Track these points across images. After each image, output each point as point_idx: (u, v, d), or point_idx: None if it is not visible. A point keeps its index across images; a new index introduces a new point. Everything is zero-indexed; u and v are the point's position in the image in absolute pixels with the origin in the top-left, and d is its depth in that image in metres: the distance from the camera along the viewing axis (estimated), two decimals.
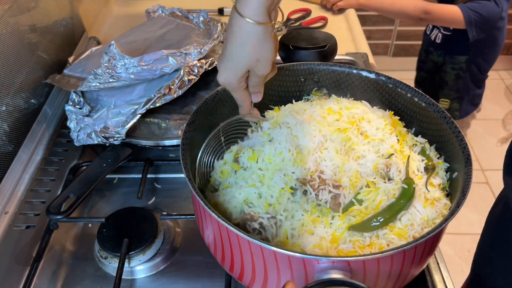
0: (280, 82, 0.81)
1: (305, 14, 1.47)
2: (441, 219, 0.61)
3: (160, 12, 1.21)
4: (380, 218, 0.60)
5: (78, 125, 0.90)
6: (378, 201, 0.63)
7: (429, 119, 0.72)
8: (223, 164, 0.71)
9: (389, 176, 0.66)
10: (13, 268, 0.74)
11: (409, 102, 0.75)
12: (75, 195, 0.77)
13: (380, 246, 0.59)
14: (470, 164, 0.61)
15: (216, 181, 0.71)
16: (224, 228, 0.57)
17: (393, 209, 0.61)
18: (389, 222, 0.61)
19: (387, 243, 0.60)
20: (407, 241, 0.60)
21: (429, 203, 0.62)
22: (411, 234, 0.60)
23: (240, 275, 0.62)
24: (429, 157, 0.70)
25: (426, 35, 1.68)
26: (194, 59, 0.90)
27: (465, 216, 2.09)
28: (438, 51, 1.64)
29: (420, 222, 0.61)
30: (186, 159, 0.63)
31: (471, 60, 1.57)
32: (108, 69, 0.85)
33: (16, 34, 0.92)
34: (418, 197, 0.63)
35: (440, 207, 0.63)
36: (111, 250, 0.73)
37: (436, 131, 0.71)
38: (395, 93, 0.76)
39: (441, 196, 0.65)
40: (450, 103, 1.69)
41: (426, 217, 0.62)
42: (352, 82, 0.80)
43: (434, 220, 0.62)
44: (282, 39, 0.99)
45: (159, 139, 0.89)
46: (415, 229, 0.61)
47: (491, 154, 2.40)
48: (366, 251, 0.59)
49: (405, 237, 0.60)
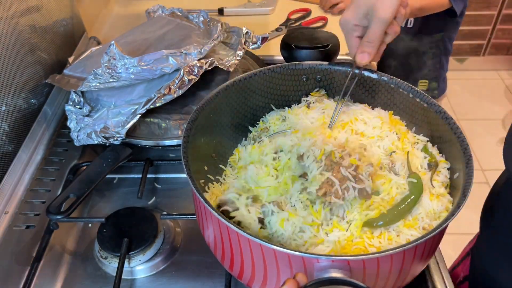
0: (282, 81, 0.81)
1: (305, 14, 1.47)
2: (447, 213, 0.62)
3: (160, 12, 1.21)
4: (395, 212, 0.61)
5: (78, 125, 0.90)
6: (393, 194, 0.64)
7: (431, 119, 0.72)
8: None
9: (394, 171, 0.66)
10: (13, 268, 0.74)
11: (411, 103, 0.75)
12: (75, 195, 0.77)
13: (389, 237, 0.60)
14: (471, 165, 0.61)
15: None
16: (224, 226, 0.57)
17: (409, 203, 0.62)
18: (405, 216, 0.62)
19: (396, 234, 0.61)
20: (417, 231, 0.61)
21: (434, 197, 0.63)
22: (420, 225, 0.61)
23: (239, 273, 0.62)
24: (432, 154, 0.70)
25: None
26: (194, 59, 0.90)
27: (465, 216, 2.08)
28: (409, 36, 1.65)
29: (428, 215, 0.62)
30: (187, 157, 0.63)
31: (446, 35, 1.63)
32: (108, 69, 0.85)
33: (16, 34, 0.92)
34: (424, 191, 0.63)
35: (445, 201, 0.64)
36: (111, 250, 0.73)
37: (438, 132, 0.71)
38: (397, 94, 0.76)
39: (445, 193, 0.66)
40: (428, 83, 1.72)
41: (432, 210, 0.62)
42: (354, 82, 0.80)
43: (440, 213, 0.63)
44: (284, 38, 0.99)
45: (159, 139, 0.89)
46: (425, 221, 0.62)
47: (491, 154, 2.40)
48: (375, 241, 0.60)
49: (415, 227, 0.61)
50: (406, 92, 0.75)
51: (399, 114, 0.77)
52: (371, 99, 0.80)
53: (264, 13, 1.51)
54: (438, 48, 1.65)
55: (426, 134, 0.74)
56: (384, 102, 0.79)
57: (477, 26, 2.90)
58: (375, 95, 0.79)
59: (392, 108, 0.78)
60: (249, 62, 1.10)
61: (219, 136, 0.78)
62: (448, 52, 1.68)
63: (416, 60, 1.69)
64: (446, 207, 0.64)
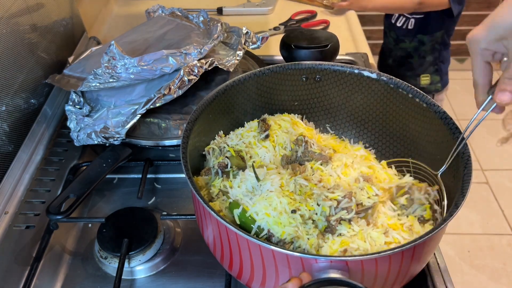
0: (282, 81, 0.81)
1: (309, 16, 1.47)
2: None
3: (160, 12, 1.21)
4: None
5: (78, 125, 0.90)
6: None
7: (430, 119, 0.72)
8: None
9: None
10: (13, 268, 0.74)
11: (410, 103, 0.74)
12: (75, 195, 0.77)
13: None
14: (470, 164, 0.61)
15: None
16: (223, 227, 0.57)
17: None
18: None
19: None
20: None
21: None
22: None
23: (239, 273, 0.62)
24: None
25: (391, 24, 1.70)
26: (194, 59, 0.90)
27: (465, 216, 2.09)
28: (410, 37, 1.67)
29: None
30: (186, 158, 0.63)
31: (446, 32, 1.66)
32: (108, 69, 0.85)
33: (16, 34, 0.92)
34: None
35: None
36: (111, 250, 0.74)
37: (436, 131, 0.71)
38: (396, 94, 0.76)
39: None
40: (430, 77, 1.73)
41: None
42: (353, 82, 0.80)
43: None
44: (284, 38, 0.99)
45: (159, 139, 0.89)
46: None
47: (491, 154, 2.40)
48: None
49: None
50: (406, 92, 0.75)
51: (399, 115, 0.77)
52: (370, 99, 0.80)
53: (264, 13, 1.51)
54: (437, 43, 1.68)
55: (426, 134, 0.74)
56: (383, 102, 0.79)
57: None
58: (374, 95, 0.79)
59: (392, 108, 0.78)
60: (249, 62, 1.10)
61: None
62: (447, 45, 1.70)
63: (417, 58, 1.70)
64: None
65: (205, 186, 0.72)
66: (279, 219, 0.61)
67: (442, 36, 1.66)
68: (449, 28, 1.65)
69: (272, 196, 0.63)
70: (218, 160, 0.73)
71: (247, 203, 0.64)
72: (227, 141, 0.77)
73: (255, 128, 0.79)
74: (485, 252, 1.97)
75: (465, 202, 0.56)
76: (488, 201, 2.18)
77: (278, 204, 0.63)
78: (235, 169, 0.72)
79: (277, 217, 0.62)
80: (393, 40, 1.73)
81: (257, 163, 0.74)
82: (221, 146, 0.76)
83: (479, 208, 2.16)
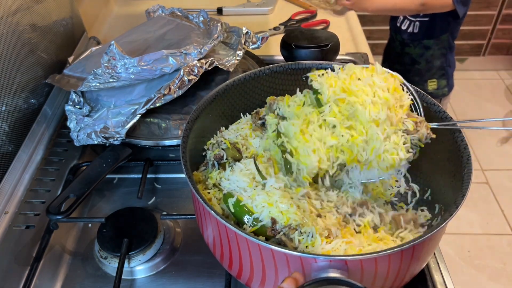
0: (282, 80, 0.81)
1: (309, 16, 1.47)
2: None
3: (160, 12, 1.21)
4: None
5: (78, 125, 0.90)
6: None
7: (429, 119, 0.72)
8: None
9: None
10: (13, 268, 0.74)
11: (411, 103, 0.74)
12: (75, 195, 0.77)
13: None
14: (470, 164, 0.61)
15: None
16: (222, 226, 0.57)
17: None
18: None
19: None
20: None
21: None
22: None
23: (238, 273, 0.62)
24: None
25: (397, 27, 1.70)
26: (194, 59, 0.90)
27: (465, 216, 2.09)
28: (415, 42, 1.66)
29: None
30: (186, 158, 0.63)
31: (451, 35, 1.66)
32: (108, 69, 0.85)
33: (16, 34, 0.92)
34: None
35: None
36: (111, 250, 0.74)
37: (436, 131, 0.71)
38: None
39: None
40: (437, 82, 1.73)
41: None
42: None
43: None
44: (284, 38, 0.99)
45: (159, 139, 0.89)
46: None
47: (491, 154, 2.40)
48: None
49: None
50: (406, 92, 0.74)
51: None
52: None
53: (264, 13, 1.51)
54: (444, 48, 1.67)
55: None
56: None
57: (477, 26, 2.90)
58: None
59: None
60: (249, 62, 1.10)
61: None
62: (453, 48, 1.70)
63: (424, 63, 1.70)
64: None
65: (203, 180, 0.72)
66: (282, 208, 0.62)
67: (448, 39, 1.66)
68: (454, 30, 1.65)
69: (275, 193, 0.63)
70: (214, 152, 0.73)
71: (241, 194, 0.65)
72: (224, 135, 0.78)
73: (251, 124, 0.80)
74: (485, 252, 1.98)
75: (465, 202, 0.57)
76: (488, 201, 2.18)
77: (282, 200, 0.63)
78: (231, 161, 0.72)
79: (280, 208, 0.62)
80: (399, 44, 1.72)
81: (250, 153, 0.74)
82: (219, 140, 0.76)
83: (479, 208, 2.16)
